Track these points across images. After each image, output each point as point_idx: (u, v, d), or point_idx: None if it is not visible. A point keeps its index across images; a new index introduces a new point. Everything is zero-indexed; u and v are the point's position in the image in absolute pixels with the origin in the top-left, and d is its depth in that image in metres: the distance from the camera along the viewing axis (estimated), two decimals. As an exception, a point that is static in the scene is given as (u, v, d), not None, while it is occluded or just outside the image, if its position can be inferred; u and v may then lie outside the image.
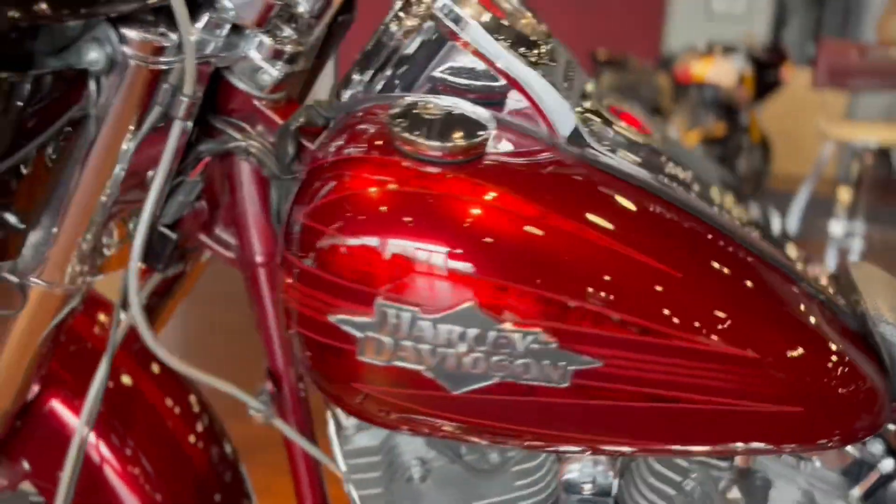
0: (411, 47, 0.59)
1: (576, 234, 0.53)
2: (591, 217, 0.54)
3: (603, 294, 0.52)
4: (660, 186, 0.57)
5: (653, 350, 0.53)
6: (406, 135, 0.53)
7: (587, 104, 0.61)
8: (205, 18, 0.55)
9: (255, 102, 0.62)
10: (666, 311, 0.53)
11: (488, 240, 0.52)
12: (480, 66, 0.58)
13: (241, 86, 0.61)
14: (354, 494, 0.68)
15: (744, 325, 0.55)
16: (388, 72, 0.60)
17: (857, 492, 0.63)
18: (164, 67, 0.54)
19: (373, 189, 0.53)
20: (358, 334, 0.53)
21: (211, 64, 0.58)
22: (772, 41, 5.49)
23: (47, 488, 0.73)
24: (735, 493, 0.63)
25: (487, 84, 0.58)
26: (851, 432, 0.58)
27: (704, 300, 0.54)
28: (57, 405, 0.72)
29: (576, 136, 0.58)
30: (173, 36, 0.53)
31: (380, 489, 0.68)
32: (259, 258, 0.67)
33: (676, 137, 4.77)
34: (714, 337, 0.53)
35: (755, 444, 0.58)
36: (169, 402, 0.79)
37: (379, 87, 0.60)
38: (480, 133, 0.54)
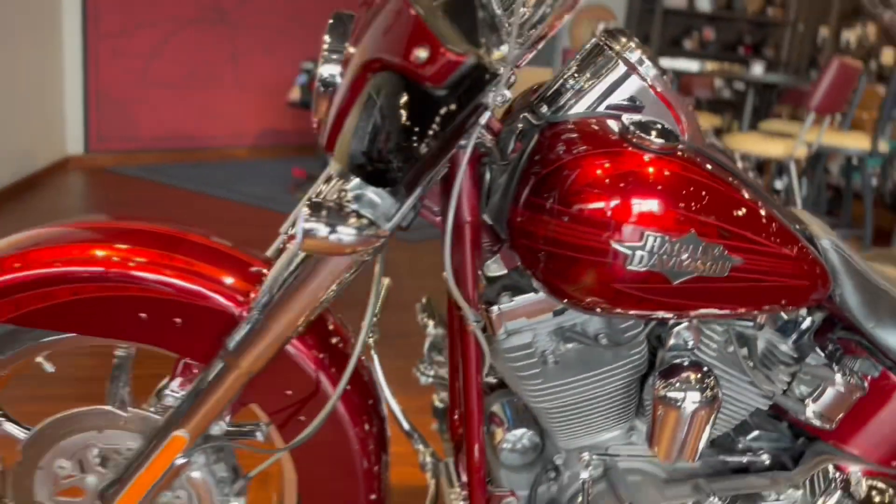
0: (599, 85, 0.95)
1: (729, 193, 0.93)
2: (730, 180, 0.95)
3: (745, 226, 0.92)
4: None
5: (756, 252, 0.93)
6: (641, 134, 0.89)
7: None
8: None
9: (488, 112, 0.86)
10: (764, 233, 0.94)
11: (698, 194, 0.90)
12: (634, 91, 0.94)
13: (490, 103, 0.84)
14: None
15: (783, 235, 0.96)
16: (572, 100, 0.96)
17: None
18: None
19: (635, 166, 0.89)
20: (629, 252, 0.87)
21: None
22: None
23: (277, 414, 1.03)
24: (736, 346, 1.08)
25: (634, 105, 0.95)
26: (818, 300, 1.04)
27: (772, 225, 0.95)
28: (304, 357, 1.02)
29: None
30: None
31: (536, 370, 1.05)
32: (468, 217, 0.93)
33: None
34: (776, 243, 0.95)
35: (780, 304, 1.00)
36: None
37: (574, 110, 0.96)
38: (677, 135, 0.91)
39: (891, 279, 1.13)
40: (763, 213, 0.95)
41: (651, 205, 0.88)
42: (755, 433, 1.20)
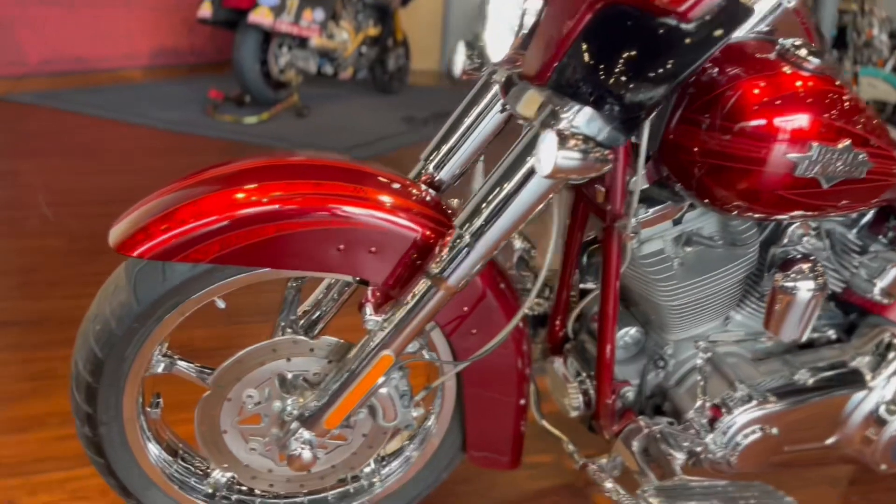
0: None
1: (865, 107, 1.07)
2: (855, 91, 1.07)
3: (877, 135, 1.07)
4: None
5: (882, 157, 1.08)
6: (797, 55, 1.01)
7: None
8: None
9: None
10: (885, 140, 1.09)
11: (850, 108, 1.04)
12: (779, 14, 1.01)
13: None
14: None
15: (891, 141, 1.11)
16: None
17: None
18: None
19: (796, 84, 1.02)
20: (797, 161, 1.01)
21: None
22: None
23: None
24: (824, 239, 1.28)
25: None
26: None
27: (886, 133, 1.10)
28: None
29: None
30: None
31: (670, 272, 1.19)
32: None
33: (347, 39, 5.28)
34: (891, 148, 1.10)
35: (882, 200, 1.17)
36: None
37: None
38: (822, 55, 1.02)
39: None
40: (879, 122, 1.11)
41: (815, 119, 1.00)
42: (817, 312, 1.40)
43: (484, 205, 0.99)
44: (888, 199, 1.22)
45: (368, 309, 1.05)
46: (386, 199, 1.03)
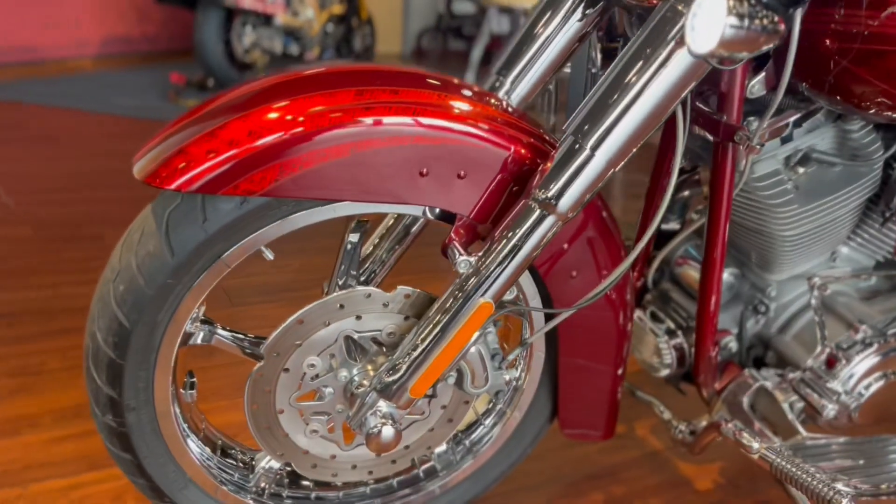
0: None
1: None
2: None
3: None
4: None
5: None
6: None
7: None
8: None
9: None
10: None
11: None
12: None
13: None
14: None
15: None
16: None
17: None
18: None
19: None
20: None
21: None
22: None
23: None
24: None
25: None
26: None
27: None
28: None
29: None
30: None
31: (789, 195, 1.03)
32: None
33: (312, 17, 5.09)
34: None
35: None
36: None
37: None
38: None
39: None
40: None
41: None
42: None
43: (600, 108, 0.80)
44: None
45: (456, 249, 0.85)
46: (474, 111, 0.83)
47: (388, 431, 0.88)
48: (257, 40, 4.89)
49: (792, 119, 0.99)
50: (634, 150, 0.81)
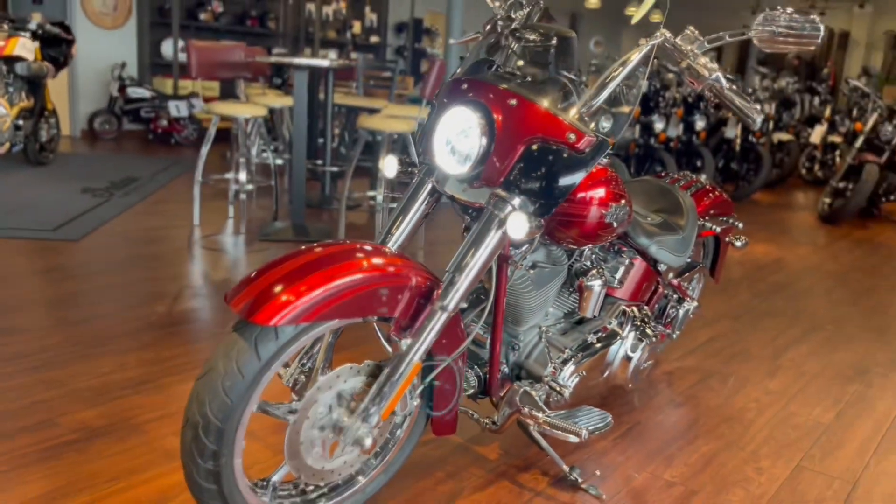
0: None
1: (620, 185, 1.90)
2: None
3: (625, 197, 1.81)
4: None
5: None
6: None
7: None
8: None
9: None
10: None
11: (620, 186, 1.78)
12: None
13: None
14: None
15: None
16: None
17: None
18: None
19: None
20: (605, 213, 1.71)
21: None
22: (60, 21, 6.32)
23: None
24: None
25: None
26: None
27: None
28: None
29: None
30: None
31: (530, 284, 2.05)
32: None
33: (5, 113, 5.17)
34: None
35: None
36: None
37: None
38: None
39: None
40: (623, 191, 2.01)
41: (608, 191, 1.85)
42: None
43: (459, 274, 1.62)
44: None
45: (395, 336, 1.61)
46: (396, 266, 1.59)
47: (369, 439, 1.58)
48: (-48, 139, 4.83)
49: (529, 248, 1.92)
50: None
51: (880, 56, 13.55)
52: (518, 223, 1.57)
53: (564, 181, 1.64)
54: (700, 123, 7.19)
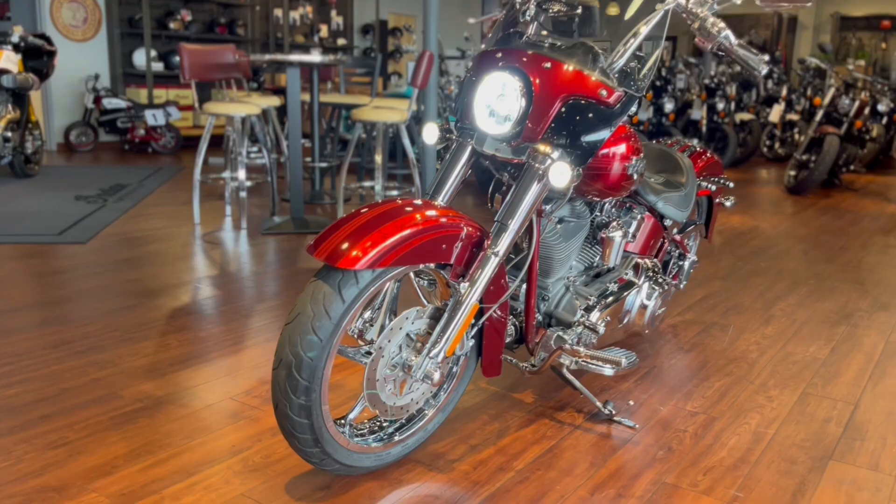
0: None
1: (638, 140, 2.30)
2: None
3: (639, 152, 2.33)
4: None
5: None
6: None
7: None
8: None
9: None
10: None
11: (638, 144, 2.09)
12: None
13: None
14: None
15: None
16: None
17: None
18: None
19: None
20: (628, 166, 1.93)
21: None
22: (41, 33, 6.39)
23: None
24: None
25: None
26: None
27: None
28: None
29: None
30: None
31: (560, 236, 2.25)
32: None
33: None
34: None
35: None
36: None
37: None
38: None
39: None
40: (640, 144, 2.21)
41: (629, 146, 2.05)
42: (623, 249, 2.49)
43: (508, 220, 1.81)
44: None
45: (453, 281, 1.78)
46: (449, 217, 1.77)
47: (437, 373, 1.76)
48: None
49: (560, 202, 2.11)
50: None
51: (828, 38, 14.08)
52: (560, 172, 1.76)
53: (598, 133, 1.83)
54: (669, 106, 7.48)
